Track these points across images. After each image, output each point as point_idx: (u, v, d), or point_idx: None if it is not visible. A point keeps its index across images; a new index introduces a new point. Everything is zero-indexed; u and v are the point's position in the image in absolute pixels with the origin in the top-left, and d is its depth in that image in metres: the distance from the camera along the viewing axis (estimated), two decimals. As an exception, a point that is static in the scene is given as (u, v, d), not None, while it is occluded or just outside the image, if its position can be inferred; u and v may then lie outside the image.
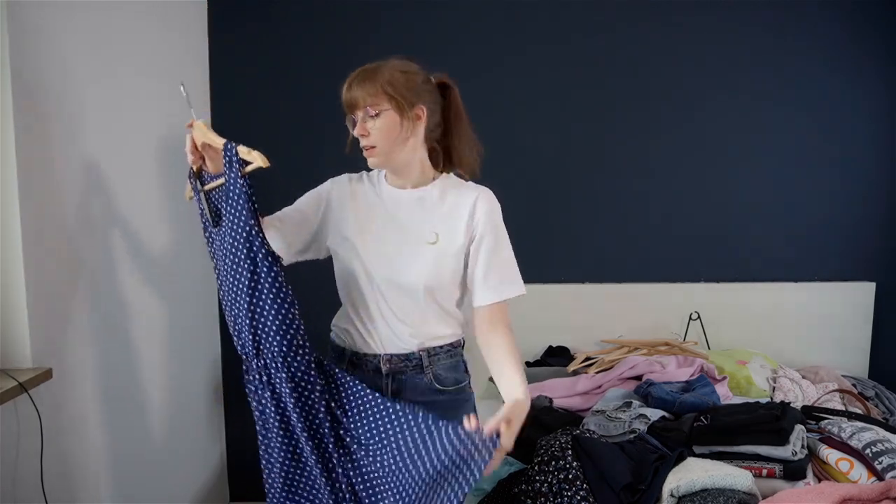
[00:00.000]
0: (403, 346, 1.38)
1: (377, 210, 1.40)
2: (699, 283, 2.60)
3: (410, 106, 1.31)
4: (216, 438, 2.47)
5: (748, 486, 1.50)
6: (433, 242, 1.35)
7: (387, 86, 1.30)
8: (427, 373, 1.39)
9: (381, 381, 1.39)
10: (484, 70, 2.46)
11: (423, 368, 1.39)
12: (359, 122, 1.31)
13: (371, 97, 1.29)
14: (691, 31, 2.51)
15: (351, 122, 1.35)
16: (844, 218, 2.61)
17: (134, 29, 1.79)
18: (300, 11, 2.41)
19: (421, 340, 1.38)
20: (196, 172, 1.37)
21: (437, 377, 1.40)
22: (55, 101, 1.46)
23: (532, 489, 1.64)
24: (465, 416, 1.16)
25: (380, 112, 1.30)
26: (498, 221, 1.39)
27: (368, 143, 1.32)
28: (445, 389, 1.41)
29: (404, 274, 1.35)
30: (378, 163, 1.35)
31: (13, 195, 1.31)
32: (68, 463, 1.50)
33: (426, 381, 1.39)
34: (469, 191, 1.40)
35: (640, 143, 2.54)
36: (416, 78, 1.33)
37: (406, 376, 1.39)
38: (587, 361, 2.34)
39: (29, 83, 1.35)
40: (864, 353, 2.63)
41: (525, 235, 2.54)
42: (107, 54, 1.66)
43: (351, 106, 1.32)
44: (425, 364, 1.39)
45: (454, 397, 1.43)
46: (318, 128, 2.38)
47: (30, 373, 1.34)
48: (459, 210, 1.37)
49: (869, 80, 2.55)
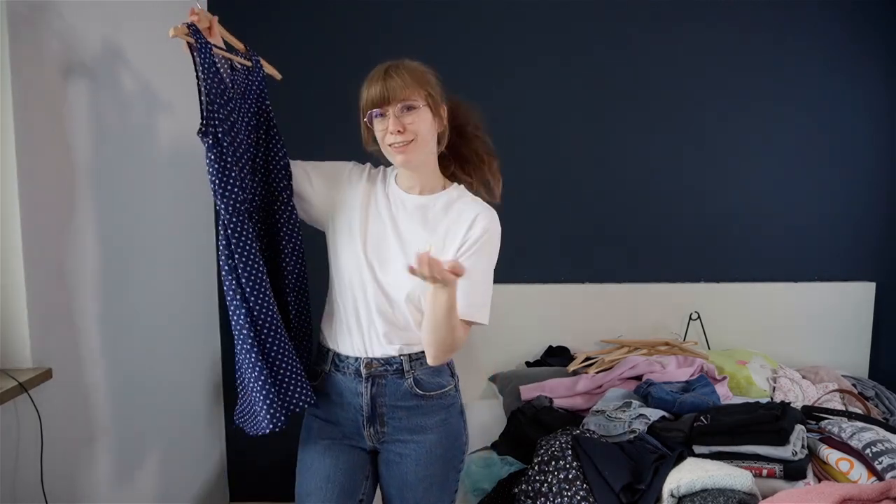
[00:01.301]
0: (384, 350, 1.36)
1: (381, 210, 1.39)
2: (699, 283, 2.60)
3: (438, 106, 1.32)
4: (216, 438, 2.47)
5: (748, 486, 1.50)
6: (427, 250, 1.34)
7: (423, 81, 1.29)
8: (408, 377, 1.37)
9: (361, 385, 1.37)
10: (484, 70, 2.46)
11: (403, 373, 1.37)
12: (392, 117, 1.27)
13: (408, 90, 1.27)
14: (692, 31, 2.51)
15: (371, 118, 1.31)
16: (844, 218, 2.61)
17: (133, 29, 1.79)
18: (300, 12, 2.41)
19: (402, 345, 1.37)
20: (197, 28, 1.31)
21: (417, 382, 1.38)
22: (55, 101, 1.46)
23: (532, 489, 1.64)
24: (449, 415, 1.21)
25: (417, 107, 1.28)
26: (494, 245, 1.36)
27: (405, 137, 1.28)
28: (427, 394, 1.39)
29: (391, 279, 1.34)
30: (410, 160, 1.31)
31: (13, 195, 1.31)
32: (68, 463, 1.50)
33: (406, 386, 1.37)
34: (473, 207, 1.37)
35: (640, 143, 2.54)
36: (438, 79, 1.34)
37: (386, 380, 1.37)
38: (587, 361, 2.34)
39: (29, 84, 1.35)
40: (864, 353, 2.63)
41: (525, 235, 2.57)
42: (106, 54, 1.66)
43: (381, 100, 1.28)
44: (406, 368, 1.37)
45: (437, 402, 1.41)
46: (318, 127, 2.38)
47: (30, 373, 1.34)
48: (459, 224, 1.35)
49: (869, 80, 2.55)
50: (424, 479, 1.40)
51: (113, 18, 1.70)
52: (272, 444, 2.50)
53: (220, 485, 2.50)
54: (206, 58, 1.28)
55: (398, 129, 1.27)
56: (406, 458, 1.40)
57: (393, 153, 1.32)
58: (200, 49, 1.28)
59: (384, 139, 1.31)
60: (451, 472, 1.45)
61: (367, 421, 1.39)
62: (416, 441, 1.40)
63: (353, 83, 1.38)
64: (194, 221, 2.23)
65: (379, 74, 1.29)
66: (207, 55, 1.28)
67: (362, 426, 1.40)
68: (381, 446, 1.42)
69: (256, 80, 1.43)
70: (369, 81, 1.31)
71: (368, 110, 1.31)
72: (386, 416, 1.38)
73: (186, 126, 2.17)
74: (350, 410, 1.40)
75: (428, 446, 1.40)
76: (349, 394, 1.39)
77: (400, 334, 1.36)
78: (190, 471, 2.24)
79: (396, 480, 1.42)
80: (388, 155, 1.34)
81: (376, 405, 1.38)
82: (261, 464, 2.53)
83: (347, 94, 1.48)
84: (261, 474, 2.55)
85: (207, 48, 1.29)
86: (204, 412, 2.34)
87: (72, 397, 1.52)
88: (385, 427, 1.39)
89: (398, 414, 1.39)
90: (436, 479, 1.42)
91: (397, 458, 1.41)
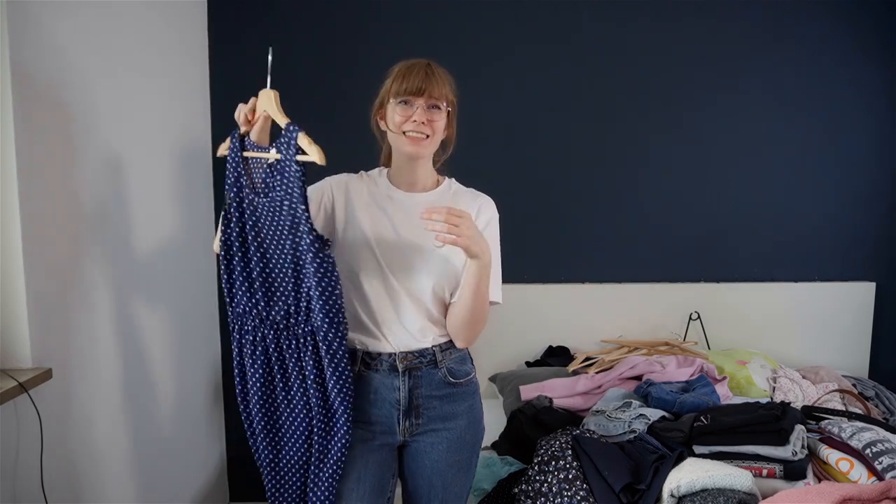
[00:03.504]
0: (418, 343, 1.41)
1: (389, 212, 1.42)
2: (699, 283, 2.60)
3: (453, 116, 1.43)
4: (216, 438, 2.47)
5: (748, 486, 1.50)
6: (440, 246, 1.36)
7: (452, 90, 1.40)
8: (441, 367, 1.43)
9: (398, 379, 1.40)
10: (484, 69, 2.46)
11: (437, 363, 1.42)
12: (421, 108, 1.34)
13: (440, 92, 1.36)
14: (692, 31, 2.51)
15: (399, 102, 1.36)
16: (844, 218, 2.61)
17: (133, 29, 1.79)
18: (300, 11, 2.41)
19: (434, 336, 1.42)
20: (240, 135, 1.36)
21: (450, 371, 1.44)
22: (55, 101, 1.46)
23: (532, 489, 1.64)
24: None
25: (441, 108, 1.37)
26: (495, 231, 1.45)
27: (425, 132, 1.35)
28: (457, 382, 1.45)
29: (418, 274, 1.38)
30: (420, 153, 1.38)
31: (13, 195, 1.31)
32: (68, 463, 1.50)
33: (440, 375, 1.43)
34: (474, 198, 1.46)
35: (640, 143, 2.54)
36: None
37: (421, 372, 1.41)
38: (587, 361, 2.34)
39: (29, 83, 1.35)
40: (864, 353, 2.63)
41: (525, 235, 2.57)
42: (106, 54, 1.66)
43: (416, 92, 1.34)
44: (439, 359, 1.42)
45: (465, 389, 1.47)
46: (318, 127, 2.38)
47: (30, 373, 1.34)
48: None
49: (869, 80, 2.55)
50: (454, 465, 1.46)
51: (111, 18, 1.69)
52: (272, 444, 2.50)
53: (220, 485, 2.50)
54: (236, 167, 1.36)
55: (424, 121, 1.35)
56: (437, 447, 1.44)
57: (407, 142, 1.37)
58: (236, 160, 1.36)
59: (402, 125, 1.36)
60: (474, 455, 1.52)
61: (402, 414, 1.42)
62: (447, 428, 1.44)
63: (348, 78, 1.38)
64: (195, 220, 2.23)
65: (421, 67, 1.36)
66: (237, 165, 1.36)
67: (397, 421, 1.42)
68: (411, 439, 1.45)
69: (289, 171, 1.31)
70: (408, 70, 1.36)
71: (402, 96, 1.36)
72: (422, 407, 1.42)
73: (187, 125, 2.17)
74: (385, 407, 1.42)
75: (459, 432, 1.45)
76: (385, 390, 1.41)
77: (430, 327, 1.42)
78: (190, 471, 2.24)
79: (425, 469, 1.45)
80: (398, 142, 1.38)
81: (413, 397, 1.41)
82: (261, 464, 2.52)
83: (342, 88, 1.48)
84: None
85: (235, 158, 1.36)
86: (204, 412, 2.34)
87: (72, 397, 1.52)
88: (420, 419, 1.43)
89: (432, 403, 1.43)
90: (463, 464, 1.48)
91: (428, 447, 1.44)
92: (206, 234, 2.33)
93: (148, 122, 1.89)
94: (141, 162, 1.85)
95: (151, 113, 1.90)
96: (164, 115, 1.98)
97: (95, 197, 1.61)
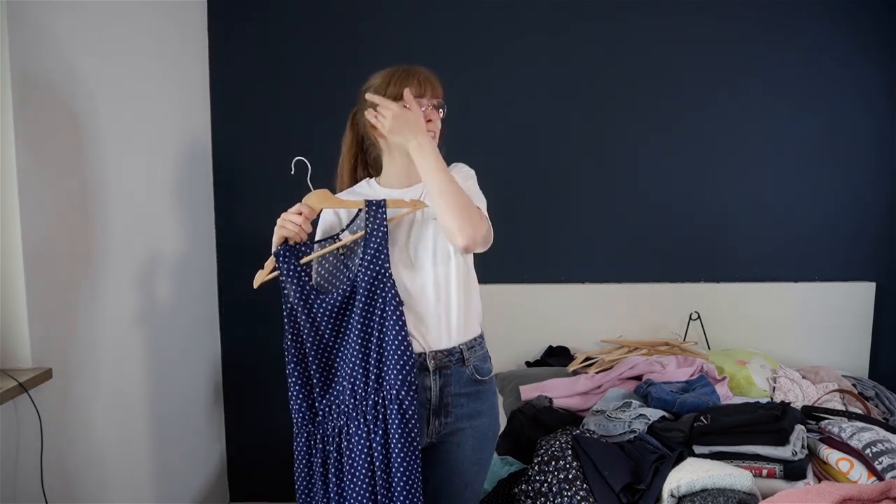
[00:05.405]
0: (447, 342, 1.42)
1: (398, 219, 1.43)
2: (699, 283, 2.60)
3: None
4: (216, 438, 2.47)
5: (748, 486, 1.50)
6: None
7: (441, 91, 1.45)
8: (468, 365, 1.44)
9: (429, 378, 1.41)
10: (484, 68, 2.46)
11: (464, 361, 1.44)
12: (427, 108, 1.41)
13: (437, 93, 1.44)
14: (692, 30, 2.51)
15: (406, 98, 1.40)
16: (844, 218, 2.61)
17: (134, 29, 1.79)
18: (300, 11, 2.41)
19: (461, 334, 1.44)
20: (285, 249, 1.35)
21: (476, 368, 1.46)
22: (55, 101, 1.46)
23: (532, 489, 1.64)
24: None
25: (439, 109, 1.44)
26: (464, 170, 1.48)
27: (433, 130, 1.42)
28: (483, 379, 1.47)
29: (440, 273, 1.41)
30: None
31: (13, 195, 1.31)
32: (68, 463, 1.50)
33: (468, 373, 1.44)
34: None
35: (640, 143, 2.54)
36: None
37: (451, 370, 1.43)
38: (587, 361, 2.34)
39: (29, 83, 1.35)
40: (864, 353, 2.63)
41: (525, 235, 2.57)
42: (106, 54, 1.66)
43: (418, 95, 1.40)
44: (466, 357, 1.44)
45: (488, 386, 1.49)
46: (318, 127, 2.38)
47: (30, 373, 1.34)
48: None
49: (869, 80, 2.55)
50: (476, 463, 1.47)
51: (111, 18, 1.69)
52: (272, 444, 2.50)
53: (220, 485, 2.50)
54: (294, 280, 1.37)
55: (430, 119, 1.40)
56: (463, 445, 1.45)
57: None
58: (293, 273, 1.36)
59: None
60: (492, 453, 1.54)
61: (432, 414, 1.43)
62: (472, 426, 1.46)
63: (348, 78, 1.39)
64: (195, 220, 2.23)
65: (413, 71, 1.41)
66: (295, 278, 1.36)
67: (426, 421, 1.43)
68: (437, 439, 1.45)
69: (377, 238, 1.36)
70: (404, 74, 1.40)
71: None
72: (451, 405, 1.44)
73: (187, 124, 2.17)
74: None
75: (482, 430, 1.47)
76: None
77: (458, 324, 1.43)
78: (190, 471, 2.24)
79: (448, 468, 1.46)
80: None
81: (444, 395, 1.43)
82: (261, 464, 2.53)
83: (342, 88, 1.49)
84: (261, 474, 2.55)
85: (289, 270, 1.36)
86: (204, 412, 2.34)
87: (72, 397, 1.52)
88: (448, 417, 1.44)
89: (461, 401, 1.44)
90: (484, 462, 1.51)
91: (454, 446, 1.46)
92: (207, 233, 2.33)
93: (148, 122, 1.89)
94: (141, 162, 1.85)
95: (151, 113, 1.90)
96: (164, 115, 1.98)
97: (95, 197, 1.61)
